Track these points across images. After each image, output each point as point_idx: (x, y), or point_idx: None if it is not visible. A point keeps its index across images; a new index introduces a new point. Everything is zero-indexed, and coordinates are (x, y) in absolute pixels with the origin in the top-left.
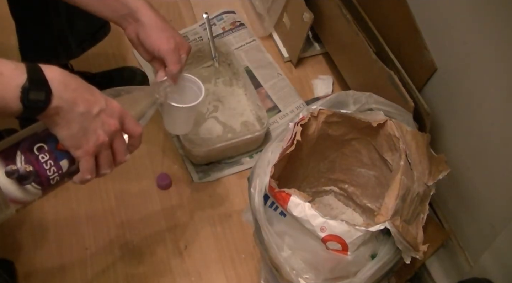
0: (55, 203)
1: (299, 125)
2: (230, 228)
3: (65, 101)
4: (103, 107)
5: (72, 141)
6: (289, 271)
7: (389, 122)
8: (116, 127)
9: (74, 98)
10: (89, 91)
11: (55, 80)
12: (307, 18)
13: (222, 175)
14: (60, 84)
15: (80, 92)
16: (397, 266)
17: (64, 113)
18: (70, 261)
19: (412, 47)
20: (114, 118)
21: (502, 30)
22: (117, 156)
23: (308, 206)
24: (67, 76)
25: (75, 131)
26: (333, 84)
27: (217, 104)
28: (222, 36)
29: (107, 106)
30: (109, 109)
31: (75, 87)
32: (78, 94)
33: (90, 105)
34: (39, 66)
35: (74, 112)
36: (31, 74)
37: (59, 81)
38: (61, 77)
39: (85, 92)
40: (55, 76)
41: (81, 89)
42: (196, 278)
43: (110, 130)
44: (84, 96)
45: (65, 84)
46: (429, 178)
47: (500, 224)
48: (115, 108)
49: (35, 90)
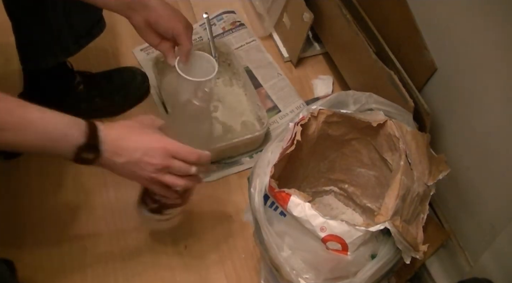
0: (55, 203)
1: (299, 125)
2: (230, 228)
3: (109, 159)
4: (143, 153)
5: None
6: (289, 271)
7: (389, 122)
8: (161, 165)
9: (115, 153)
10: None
11: (107, 144)
12: (307, 18)
13: (222, 175)
14: (108, 147)
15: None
16: (397, 266)
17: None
18: (70, 261)
19: (412, 47)
20: (157, 158)
21: (502, 30)
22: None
23: (308, 206)
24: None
25: (126, 173)
26: (333, 84)
27: (217, 104)
28: (222, 36)
29: (149, 150)
30: (151, 152)
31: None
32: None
33: (129, 155)
34: (96, 128)
35: (117, 163)
36: (89, 139)
37: (109, 144)
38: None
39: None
40: (108, 140)
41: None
42: (196, 278)
43: (156, 169)
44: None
45: (113, 148)
46: (429, 178)
47: (500, 224)
48: (158, 150)
49: (87, 152)
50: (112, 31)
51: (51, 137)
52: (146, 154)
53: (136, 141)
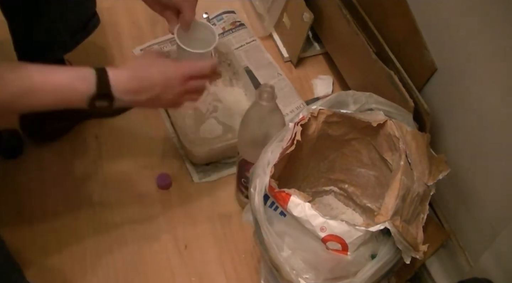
0: (55, 203)
1: (299, 125)
2: (230, 228)
3: (128, 101)
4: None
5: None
6: (289, 271)
7: (389, 122)
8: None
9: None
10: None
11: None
12: (307, 18)
13: (222, 175)
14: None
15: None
16: (397, 266)
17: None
18: (70, 260)
19: (412, 47)
20: (176, 87)
21: (502, 30)
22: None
23: (308, 206)
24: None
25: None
26: (333, 84)
27: (217, 104)
28: (222, 36)
29: (167, 81)
30: (170, 82)
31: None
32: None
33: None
34: (106, 76)
35: (138, 101)
36: (99, 88)
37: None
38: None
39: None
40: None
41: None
42: (196, 278)
43: (176, 96)
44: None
45: (126, 90)
46: (429, 178)
47: (500, 224)
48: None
49: (100, 100)
50: (112, 31)
51: (57, 94)
52: (166, 86)
53: (154, 76)
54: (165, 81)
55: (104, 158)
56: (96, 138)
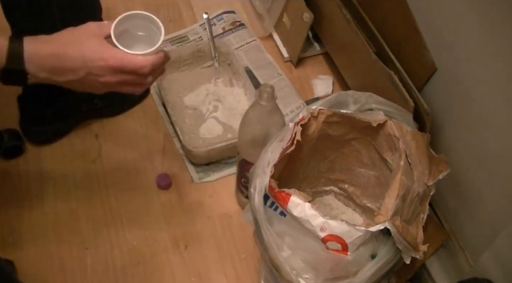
0: (55, 203)
1: (299, 125)
2: (230, 228)
3: (48, 78)
4: (87, 71)
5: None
6: (289, 271)
7: (389, 122)
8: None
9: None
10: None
11: (34, 63)
12: (307, 18)
13: (222, 175)
14: (37, 67)
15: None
16: (397, 266)
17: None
18: (70, 261)
19: (412, 47)
20: (105, 76)
21: (502, 30)
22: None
23: (308, 206)
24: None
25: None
26: (333, 84)
27: (217, 104)
28: (222, 36)
29: (92, 68)
30: (95, 70)
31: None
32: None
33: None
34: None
35: (60, 81)
36: (9, 62)
37: (38, 65)
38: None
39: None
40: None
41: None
42: (196, 278)
43: (109, 85)
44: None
45: (42, 67)
46: (429, 178)
47: (500, 224)
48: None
49: (13, 76)
50: None
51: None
52: (90, 72)
53: (76, 59)
54: (89, 68)
55: (104, 158)
56: (96, 138)
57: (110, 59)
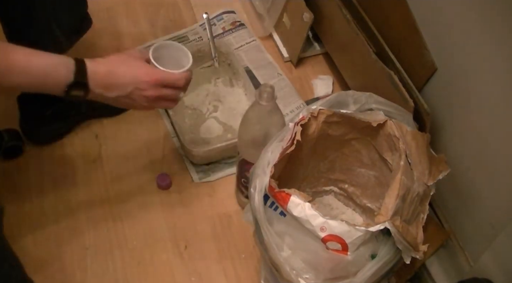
0: (55, 203)
1: (299, 125)
2: (230, 228)
3: (100, 95)
4: (135, 86)
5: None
6: (289, 271)
7: (389, 122)
8: (153, 96)
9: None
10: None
11: (94, 80)
12: (307, 18)
13: (222, 175)
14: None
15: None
16: (397, 266)
17: (103, 98)
18: (70, 261)
19: (412, 47)
20: (148, 91)
21: (502, 30)
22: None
23: (308, 206)
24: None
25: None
26: (333, 84)
27: (217, 104)
28: (222, 36)
29: (140, 84)
30: (142, 85)
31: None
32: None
33: (120, 89)
34: (85, 66)
35: (109, 97)
36: (77, 77)
37: (97, 81)
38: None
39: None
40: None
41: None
42: (196, 278)
43: (149, 100)
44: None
45: (101, 83)
46: (429, 178)
47: (500, 224)
48: (149, 83)
49: (76, 89)
50: (112, 31)
51: (37, 77)
52: (137, 88)
53: (126, 76)
54: (136, 83)
55: (104, 158)
56: (96, 138)
57: (154, 75)
